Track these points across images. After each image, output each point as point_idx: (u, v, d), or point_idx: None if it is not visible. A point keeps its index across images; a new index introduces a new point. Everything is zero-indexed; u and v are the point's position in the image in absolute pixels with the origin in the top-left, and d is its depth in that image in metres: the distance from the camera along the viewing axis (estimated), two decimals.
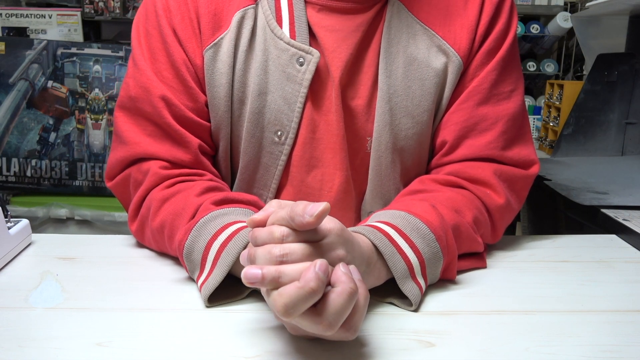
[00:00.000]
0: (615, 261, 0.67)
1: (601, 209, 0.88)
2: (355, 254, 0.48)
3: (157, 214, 0.63)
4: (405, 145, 0.70)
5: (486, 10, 0.70)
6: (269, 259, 0.43)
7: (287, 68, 0.67)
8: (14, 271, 0.61)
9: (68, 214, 1.70)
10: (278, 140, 0.69)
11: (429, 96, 0.69)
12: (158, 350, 0.46)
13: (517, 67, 0.73)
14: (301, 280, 0.40)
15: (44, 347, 0.46)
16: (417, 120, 0.69)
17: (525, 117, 0.73)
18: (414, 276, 0.54)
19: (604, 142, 1.46)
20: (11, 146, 1.72)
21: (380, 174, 0.70)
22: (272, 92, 0.67)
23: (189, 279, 0.59)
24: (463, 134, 0.69)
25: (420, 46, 0.69)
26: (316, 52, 0.66)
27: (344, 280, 0.42)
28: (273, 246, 0.44)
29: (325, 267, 0.41)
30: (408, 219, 0.56)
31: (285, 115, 0.68)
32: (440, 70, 0.69)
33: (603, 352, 0.47)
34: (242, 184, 0.72)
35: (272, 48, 0.67)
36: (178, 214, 0.61)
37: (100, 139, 1.73)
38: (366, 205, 0.72)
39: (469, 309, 0.54)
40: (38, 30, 1.99)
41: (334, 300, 0.41)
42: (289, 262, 0.43)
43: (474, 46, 0.69)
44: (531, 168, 0.71)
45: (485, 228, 0.65)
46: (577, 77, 2.26)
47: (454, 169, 0.69)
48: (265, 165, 0.70)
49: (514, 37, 0.72)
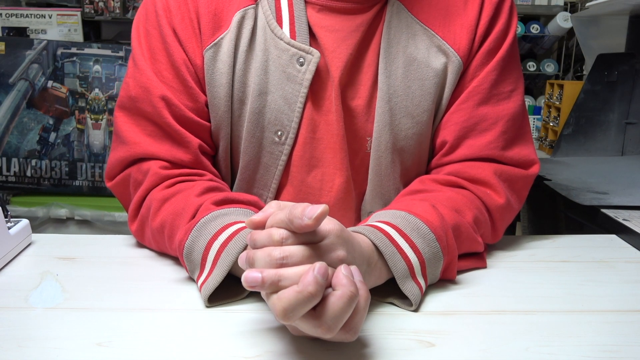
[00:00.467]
0: (615, 261, 0.67)
1: (601, 209, 0.88)
2: (356, 254, 0.48)
3: (157, 214, 0.63)
4: (405, 146, 0.70)
5: (486, 10, 0.70)
6: (268, 262, 0.43)
7: (288, 68, 0.67)
8: (14, 271, 0.61)
9: (68, 214, 1.70)
10: (278, 140, 0.69)
11: (429, 96, 0.69)
12: (158, 350, 0.46)
13: (517, 67, 0.73)
14: (300, 284, 0.40)
15: (44, 347, 0.46)
16: (417, 120, 0.69)
17: (525, 117, 0.73)
18: (414, 276, 0.54)
19: (604, 142, 1.46)
20: (11, 146, 1.72)
21: (380, 174, 0.70)
22: (273, 92, 0.67)
23: (189, 279, 0.59)
24: (463, 134, 0.69)
25: (420, 46, 0.69)
26: (316, 52, 0.66)
27: (344, 284, 0.42)
28: (273, 249, 0.44)
29: (325, 270, 0.41)
30: (408, 218, 0.56)
31: (286, 115, 0.68)
32: (440, 70, 0.69)
33: (603, 352, 0.47)
34: (242, 184, 0.72)
35: (273, 48, 0.67)
36: (178, 214, 0.60)
37: (100, 139, 1.73)
38: (366, 205, 0.72)
39: (469, 309, 0.54)
40: (38, 30, 1.99)
41: (334, 303, 0.41)
42: (289, 264, 0.43)
43: (473, 46, 0.69)
44: (531, 168, 0.71)
45: (485, 228, 0.65)
46: (577, 77, 2.26)
47: (454, 169, 0.69)
48: (265, 165, 0.70)
49: (514, 37, 0.72)
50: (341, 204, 0.71)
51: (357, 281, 0.43)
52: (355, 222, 0.73)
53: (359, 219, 0.74)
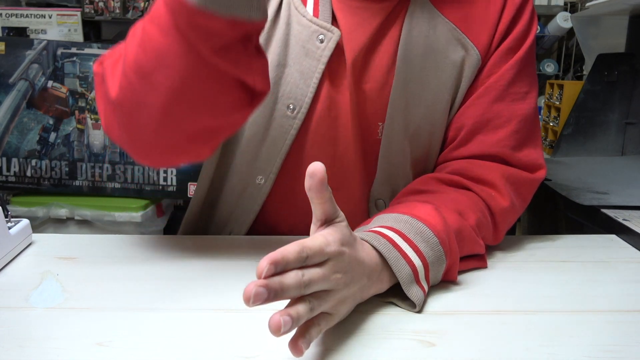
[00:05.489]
0: (615, 261, 0.67)
1: (601, 209, 0.88)
2: (355, 273, 0.48)
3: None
4: (416, 134, 0.70)
5: (508, 9, 0.70)
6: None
7: (307, 44, 0.68)
8: (14, 271, 0.61)
9: (68, 214, 1.70)
10: (290, 114, 0.69)
11: (444, 87, 0.69)
12: (158, 350, 0.46)
13: (533, 71, 0.73)
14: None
15: (44, 347, 0.46)
16: (430, 110, 0.70)
17: (537, 122, 0.73)
18: (418, 280, 0.54)
19: (604, 142, 1.46)
20: (11, 146, 1.72)
21: (390, 160, 0.71)
22: (290, 65, 0.68)
23: (188, 279, 0.59)
24: (475, 128, 0.69)
25: (440, 38, 0.69)
26: (337, 31, 0.67)
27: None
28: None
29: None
30: (411, 222, 0.56)
31: (300, 90, 0.68)
32: (458, 63, 0.69)
33: (603, 352, 0.47)
34: (244, 158, 0.72)
35: (295, 24, 0.68)
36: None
37: (100, 139, 1.72)
38: (374, 192, 0.73)
39: (469, 309, 0.54)
40: (38, 30, 1.99)
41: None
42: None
43: (493, 43, 0.70)
44: (537, 172, 0.71)
45: (487, 230, 0.65)
46: (577, 77, 2.26)
47: (461, 166, 0.69)
48: (273, 138, 0.70)
49: (533, 40, 0.72)
50: (350, 185, 0.72)
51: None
52: (362, 208, 0.74)
53: (366, 205, 0.74)
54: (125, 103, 0.54)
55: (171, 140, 0.55)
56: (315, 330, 0.44)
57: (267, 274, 0.40)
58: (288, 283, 0.42)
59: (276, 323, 0.40)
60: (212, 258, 0.65)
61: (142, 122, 0.54)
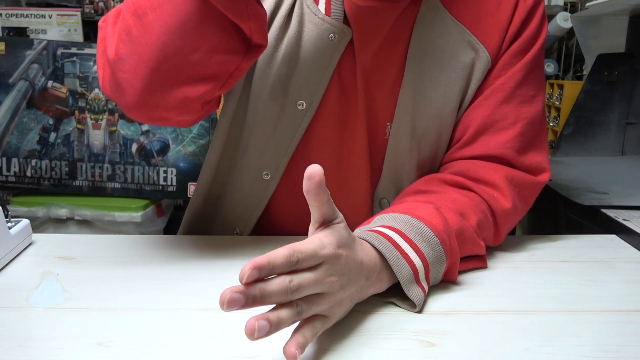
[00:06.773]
0: (615, 261, 0.67)
1: (601, 209, 0.88)
2: (352, 275, 0.48)
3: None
4: (423, 135, 0.70)
5: (519, 12, 0.70)
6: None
7: (319, 42, 0.68)
8: (14, 271, 0.61)
9: (68, 214, 1.70)
10: (300, 109, 0.70)
11: (454, 89, 0.69)
12: (158, 350, 0.46)
13: (542, 75, 0.73)
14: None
15: (44, 347, 0.46)
16: (439, 111, 0.70)
17: (544, 125, 0.73)
18: (418, 280, 0.54)
19: (604, 142, 1.46)
20: (11, 146, 1.72)
21: (396, 160, 0.71)
22: (302, 62, 0.69)
23: (188, 279, 0.59)
24: (481, 129, 0.69)
25: (451, 40, 0.69)
26: (349, 30, 0.67)
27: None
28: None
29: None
30: (412, 222, 0.56)
31: (311, 86, 0.69)
32: (468, 65, 0.69)
33: (603, 352, 0.47)
34: (250, 154, 0.72)
35: (307, 21, 0.69)
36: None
37: (100, 139, 1.72)
38: (379, 191, 0.73)
39: (469, 309, 0.54)
40: (38, 30, 1.98)
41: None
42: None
43: (503, 45, 0.70)
44: (541, 175, 0.71)
45: (488, 232, 0.65)
46: (577, 77, 2.26)
47: (465, 166, 0.69)
48: (281, 133, 0.71)
49: (543, 44, 0.72)
50: (356, 183, 0.72)
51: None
52: (367, 207, 0.74)
53: (371, 204, 0.74)
54: (122, 52, 0.56)
55: (163, 85, 0.56)
56: (311, 333, 0.44)
57: (247, 279, 0.40)
58: (271, 289, 0.41)
59: (250, 327, 0.40)
60: (212, 258, 0.65)
61: (138, 72, 0.55)
